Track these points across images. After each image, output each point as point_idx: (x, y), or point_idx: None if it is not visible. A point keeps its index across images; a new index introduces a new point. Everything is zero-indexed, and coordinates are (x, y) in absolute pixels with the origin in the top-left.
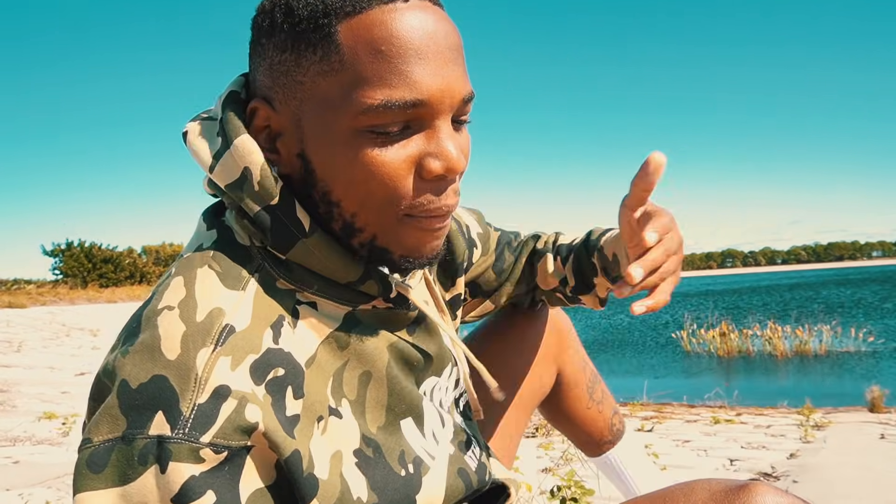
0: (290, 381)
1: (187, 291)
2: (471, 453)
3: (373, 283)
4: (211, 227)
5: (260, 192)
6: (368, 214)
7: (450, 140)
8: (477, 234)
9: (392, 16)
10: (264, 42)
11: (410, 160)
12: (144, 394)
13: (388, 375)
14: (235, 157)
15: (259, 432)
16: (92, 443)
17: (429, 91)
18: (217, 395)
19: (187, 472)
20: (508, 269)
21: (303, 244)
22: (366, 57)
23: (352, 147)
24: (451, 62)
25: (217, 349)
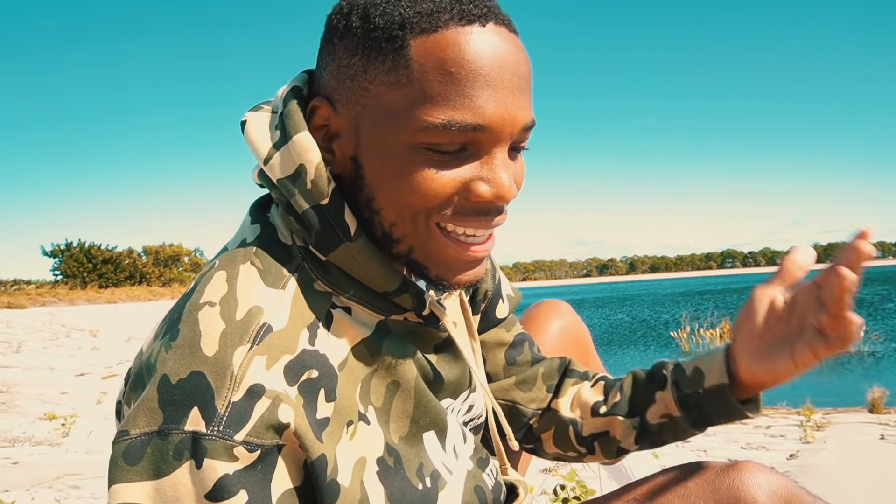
0: (323, 384)
1: (229, 288)
2: (488, 471)
3: (408, 297)
4: (255, 221)
5: (312, 190)
6: (405, 225)
7: (504, 168)
8: (507, 295)
9: (467, 38)
10: (336, 42)
11: (460, 182)
12: (182, 389)
13: (416, 387)
14: (293, 152)
15: (290, 431)
16: (129, 435)
17: (491, 118)
18: (251, 394)
19: (221, 469)
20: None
21: (345, 248)
22: (434, 76)
23: (405, 161)
24: (518, 91)
25: (253, 348)
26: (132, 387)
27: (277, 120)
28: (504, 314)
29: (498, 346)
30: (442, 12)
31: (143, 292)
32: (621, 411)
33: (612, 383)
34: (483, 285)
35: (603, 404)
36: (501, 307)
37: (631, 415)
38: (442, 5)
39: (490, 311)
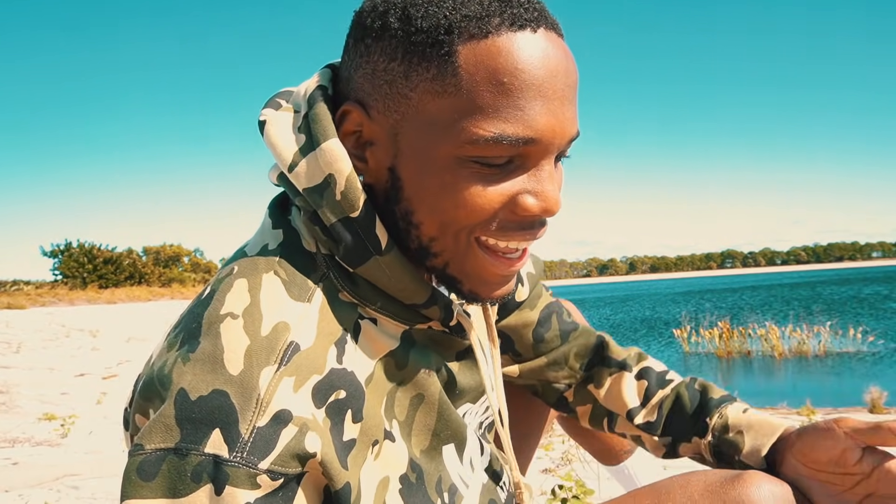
0: (350, 405)
1: (252, 299)
2: (502, 484)
3: (436, 309)
4: (277, 226)
5: (342, 202)
6: (447, 240)
7: (551, 181)
8: (528, 273)
9: (519, 45)
10: (370, 43)
11: (507, 196)
12: (203, 407)
13: (440, 400)
14: (321, 161)
15: (315, 461)
16: (144, 449)
17: (543, 130)
18: (278, 420)
19: (243, 497)
20: (552, 343)
21: (375, 261)
22: (484, 85)
23: (450, 174)
24: (568, 101)
25: (281, 368)
26: (142, 395)
27: (302, 122)
28: (524, 296)
29: (524, 326)
30: (492, 16)
31: (143, 293)
32: (655, 431)
33: (653, 386)
34: None
35: (639, 411)
36: (521, 290)
37: (664, 436)
38: (491, 9)
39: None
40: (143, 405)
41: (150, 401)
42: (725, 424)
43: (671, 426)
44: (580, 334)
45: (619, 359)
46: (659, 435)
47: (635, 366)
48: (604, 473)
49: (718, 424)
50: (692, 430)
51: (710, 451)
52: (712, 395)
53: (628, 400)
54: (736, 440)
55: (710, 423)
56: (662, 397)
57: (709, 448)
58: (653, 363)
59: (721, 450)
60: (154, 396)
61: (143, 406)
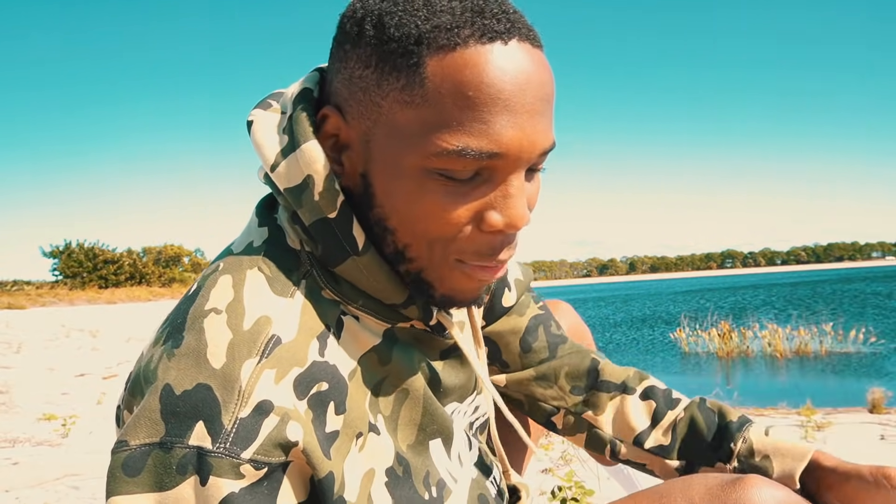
0: (332, 397)
1: (235, 294)
2: (492, 479)
3: (414, 308)
4: (262, 224)
5: (319, 202)
6: (421, 249)
7: (518, 196)
8: (515, 279)
9: (487, 58)
10: (347, 49)
11: (473, 210)
12: (187, 401)
13: (424, 395)
14: (301, 162)
15: (298, 449)
16: (128, 445)
17: (508, 145)
18: (259, 410)
19: (227, 487)
20: (540, 353)
21: (353, 262)
22: (450, 98)
23: (416, 184)
24: (539, 115)
25: (262, 361)
26: (130, 392)
27: (286, 123)
28: (511, 302)
29: (512, 334)
30: (462, 27)
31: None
32: (669, 454)
33: (662, 407)
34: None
35: (650, 434)
36: (508, 296)
37: (679, 459)
38: (462, 20)
39: (496, 303)
40: (129, 401)
41: (136, 396)
42: (751, 448)
43: (688, 450)
44: (571, 351)
45: (619, 381)
46: (674, 458)
47: (638, 386)
48: (603, 473)
49: (743, 449)
50: (714, 456)
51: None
52: (731, 419)
53: (636, 423)
54: (764, 465)
55: (734, 448)
56: (675, 418)
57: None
58: (655, 382)
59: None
60: (139, 392)
61: (130, 402)
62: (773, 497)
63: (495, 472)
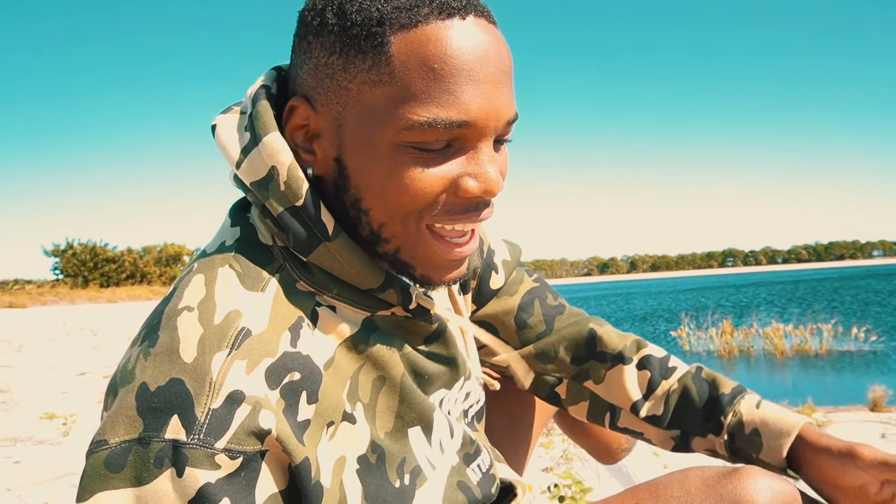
0: (305, 386)
1: (207, 291)
2: (475, 466)
3: (393, 292)
4: (235, 224)
5: (286, 192)
6: (395, 226)
7: (490, 163)
8: (503, 260)
9: (448, 33)
10: (311, 40)
11: (447, 179)
12: (161, 397)
13: (401, 384)
14: (263, 154)
15: (272, 437)
16: (108, 444)
17: (476, 113)
18: (231, 401)
19: (203, 477)
20: (536, 328)
21: (325, 248)
22: (416, 73)
23: (390, 160)
24: (501, 85)
25: (232, 353)
26: (109, 393)
27: (247, 121)
28: (499, 283)
29: (505, 314)
30: (421, 6)
31: (144, 292)
32: (661, 424)
33: (656, 376)
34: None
35: (644, 404)
36: (495, 278)
37: (671, 428)
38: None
39: (483, 285)
40: (107, 402)
41: (110, 397)
42: (740, 422)
43: (680, 419)
44: (569, 322)
45: (615, 351)
46: (666, 427)
47: (634, 356)
48: (604, 472)
49: (733, 422)
50: (705, 427)
51: (725, 448)
52: (723, 390)
53: (631, 393)
54: (753, 439)
55: (724, 421)
56: (668, 388)
57: (724, 446)
58: (653, 350)
59: (738, 447)
60: (114, 393)
61: (108, 402)
62: (769, 488)
63: (480, 458)
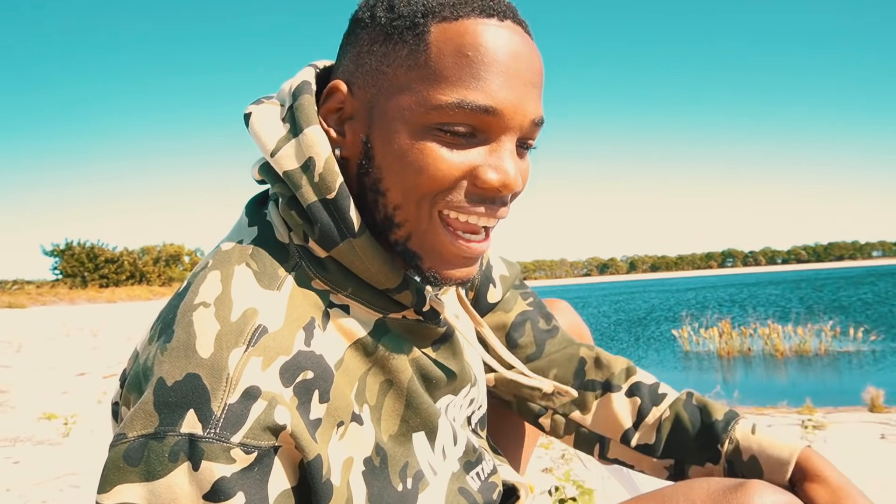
0: (317, 385)
1: (223, 288)
2: (475, 473)
3: (408, 294)
4: (252, 223)
5: (319, 183)
6: (409, 208)
7: (511, 158)
8: (500, 276)
9: (485, 28)
10: (359, 32)
11: (467, 166)
12: (178, 391)
13: (408, 388)
14: (303, 144)
15: (287, 433)
16: (127, 438)
17: (503, 102)
18: (247, 396)
19: (219, 471)
20: (527, 349)
21: (348, 243)
22: (451, 58)
23: (415, 140)
24: (530, 84)
25: (249, 349)
26: (129, 389)
27: (287, 113)
28: (496, 298)
29: (498, 329)
30: (464, 4)
31: (143, 292)
32: (655, 454)
33: (646, 404)
34: None
35: (634, 433)
36: (493, 292)
37: (665, 457)
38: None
39: (480, 298)
40: (127, 398)
41: (133, 393)
42: (737, 449)
43: (673, 448)
44: (560, 347)
45: (604, 379)
46: (659, 457)
47: (624, 383)
48: (604, 473)
49: (730, 450)
50: (702, 455)
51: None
52: (716, 417)
53: (622, 421)
54: (753, 466)
55: (722, 450)
56: (660, 416)
57: (723, 472)
58: (642, 377)
59: (738, 472)
60: (137, 389)
61: (128, 399)
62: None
63: (484, 465)
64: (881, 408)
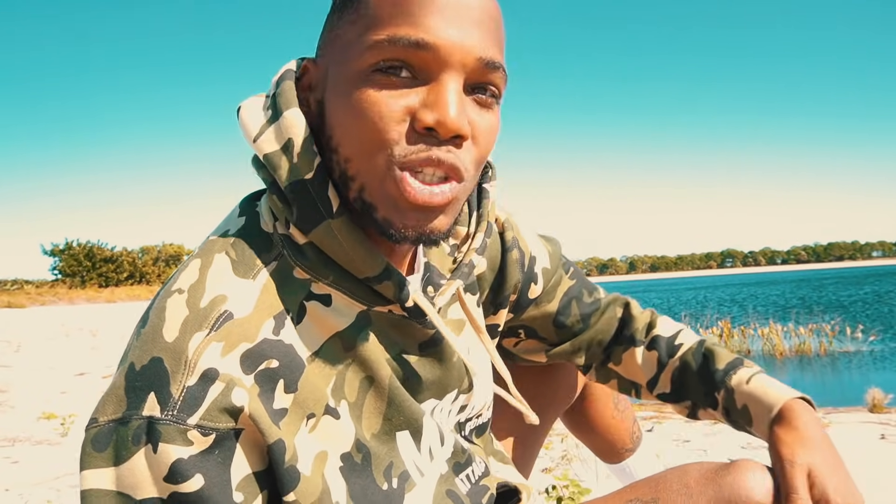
0: (283, 375)
1: (199, 276)
2: (464, 476)
3: (389, 285)
4: (241, 213)
5: (298, 163)
6: (360, 161)
7: (451, 95)
8: (543, 268)
9: None
10: (330, 15)
11: (406, 108)
12: (143, 376)
13: (390, 386)
14: (282, 127)
15: (245, 415)
16: (98, 422)
17: (437, 36)
18: (205, 378)
19: (175, 453)
20: (574, 327)
21: (326, 225)
22: (386, 3)
23: (355, 87)
24: (475, 22)
25: (211, 334)
26: None
27: (269, 101)
28: (537, 293)
29: (544, 318)
30: None
31: (143, 292)
32: (672, 399)
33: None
34: (510, 279)
35: (656, 383)
36: (534, 288)
37: (680, 401)
38: None
39: (522, 297)
40: None
41: None
42: (731, 398)
43: (684, 393)
44: (603, 317)
45: (629, 333)
46: (677, 401)
47: (645, 337)
48: (603, 473)
49: (725, 397)
50: (706, 400)
51: (724, 419)
52: (717, 367)
53: (644, 373)
54: (744, 413)
55: (718, 397)
56: (673, 368)
57: (723, 418)
58: (662, 328)
59: (734, 420)
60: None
61: None
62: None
63: (474, 467)
64: (881, 408)
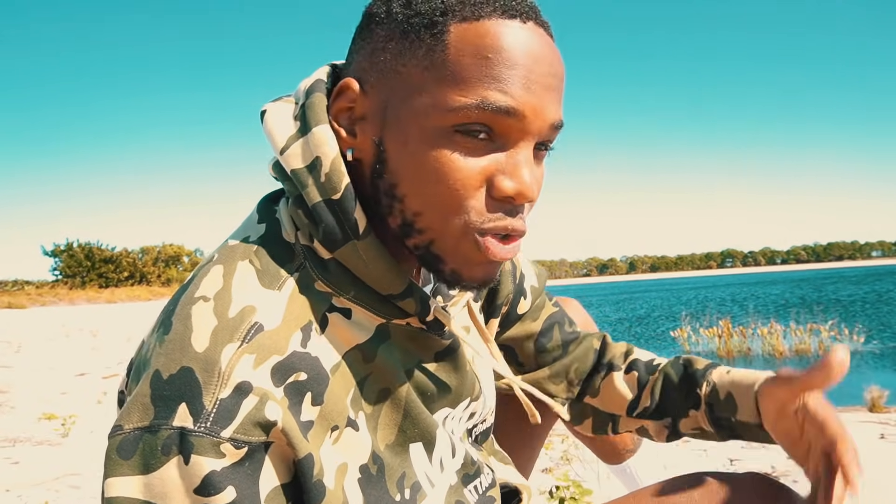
0: (310, 387)
1: (224, 284)
2: (472, 487)
3: (412, 302)
4: (262, 219)
5: (325, 183)
6: (434, 219)
7: (527, 165)
8: (531, 286)
9: (506, 30)
10: (373, 28)
11: (484, 173)
12: (172, 385)
13: (406, 398)
14: (311, 143)
15: (278, 429)
16: (123, 430)
17: (523, 104)
18: (239, 391)
19: (208, 465)
20: (553, 352)
21: (352, 245)
22: (470, 59)
23: (431, 144)
24: (552, 88)
25: (243, 346)
26: (132, 379)
27: (299, 110)
28: (526, 308)
29: (526, 338)
30: (485, 4)
31: (143, 292)
32: (653, 415)
33: (643, 375)
34: (503, 290)
35: (636, 404)
36: (523, 303)
37: (662, 418)
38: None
39: (511, 310)
40: (131, 387)
41: (134, 383)
42: (714, 389)
43: (666, 405)
44: (581, 346)
45: (607, 360)
46: (657, 418)
47: (623, 363)
48: (603, 473)
49: (708, 391)
50: (686, 404)
51: (707, 420)
52: (697, 367)
53: (624, 394)
54: (728, 402)
55: (701, 393)
56: (654, 382)
57: (706, 418)
58: (640, 354)
59: (717, 416)
60: (137, 379)
61: (132, 388)
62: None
63: (482, 479)
64: (881, 408)
